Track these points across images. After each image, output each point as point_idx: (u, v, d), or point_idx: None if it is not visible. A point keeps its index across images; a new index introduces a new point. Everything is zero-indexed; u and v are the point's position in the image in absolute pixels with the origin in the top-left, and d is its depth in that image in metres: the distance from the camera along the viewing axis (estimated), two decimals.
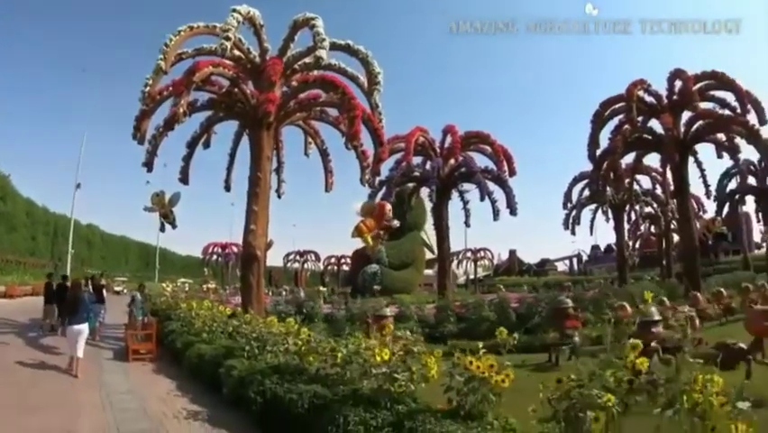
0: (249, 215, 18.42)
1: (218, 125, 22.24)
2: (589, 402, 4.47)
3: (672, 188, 32.21)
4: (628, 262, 43.78)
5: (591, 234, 44.35)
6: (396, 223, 28.31)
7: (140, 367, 14.45)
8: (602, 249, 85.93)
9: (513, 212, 30.29)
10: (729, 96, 26.62)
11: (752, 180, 42.12)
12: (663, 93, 28.17)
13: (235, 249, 71.77)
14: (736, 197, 43.97)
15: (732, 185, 42.83)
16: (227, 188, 23.75)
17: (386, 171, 29.77)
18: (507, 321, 20.96)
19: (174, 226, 22.06)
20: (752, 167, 40.53)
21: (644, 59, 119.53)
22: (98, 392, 11.05)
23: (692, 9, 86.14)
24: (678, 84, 27.30)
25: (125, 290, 53.75)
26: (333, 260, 78.92)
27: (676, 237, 49.80)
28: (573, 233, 41.53)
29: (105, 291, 21.38)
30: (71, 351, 13.01)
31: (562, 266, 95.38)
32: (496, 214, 31.34)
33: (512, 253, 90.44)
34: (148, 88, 16.88)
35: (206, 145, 22.49)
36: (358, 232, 21.08)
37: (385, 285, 45.11)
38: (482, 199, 29.65)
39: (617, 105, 28.12)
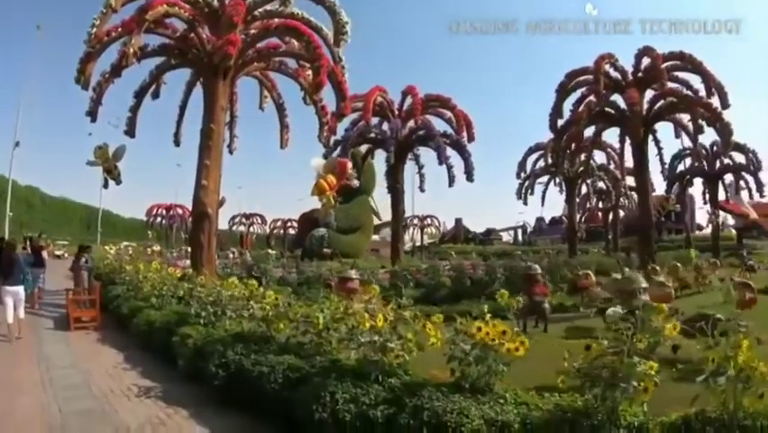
0: (200, 170, 16.96)
1: (168, 75, 20.55)
2: (630, 372, 4.28)
3: (626, 164, 32.82)
4: (578, 235, 43.82)
5: (543, 204, 44.00)
6: (356, 183, 27.19)
7: (83, 337, 12.96)
8: (547, 221, 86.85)
9: (470, 178, 29.51)
10: (693, 79, 26.62)
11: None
12: (629, 70, 27.93)
13: (180, 211, 69.37)
14: (686, 178, 44.85)
15: (681, 167, 43.90)
16: (176, 143, 22.10)
17: (341, 132, 28.99)
18: (463, 287, 20.65)
19: (118, 183, 20.21)
20: (703, 150, 40.95)
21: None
22: (37, 367, 9.69)
23: (692, 9, 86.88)
24: (645, 61, 27.08)
25: (66, 254, 51.07)
26: (279, 223, 77.03)
27: (621, 213, 50.88)
28: (526, 203, 41.65)
29: (45, 254, 19.39)
30: (8, 316, 11.92)
31: (506, 236, 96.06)
32: (451, 180, 30.80)
33: (458, 221, 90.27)
34: (95, 29, 15.34)
35: (155, 96, 20.74)
36: (319, 190, 19.74)
37: (332, 249, 44.42)
38: (441, 164, 28.81)
39: (582, 78, 27.67)
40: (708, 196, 44.46)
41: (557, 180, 39.00)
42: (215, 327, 9.47)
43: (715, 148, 40.20)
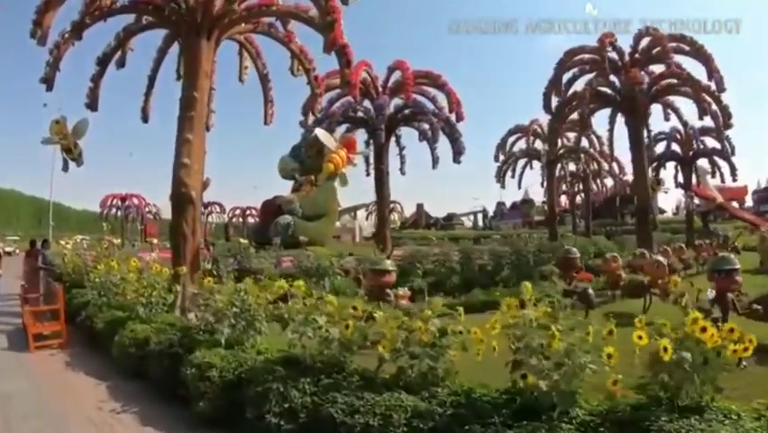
0: (180, 145, 13.60)
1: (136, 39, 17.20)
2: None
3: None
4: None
5: (519, 188, 42.12)
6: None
7: (47, 360, 9.81)
8: (507, 206, 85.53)
9: (457, 159, 26.96)
10: (686, 62, 25.14)
11: (675, 148, 41.46)
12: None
13: (136, 201, 65.13)
14: (660, 161, 43.23)
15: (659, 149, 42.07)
16: (144, 119, 18.45)
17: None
18: (473, 275, 19.17)
19: (79, 163, 16.58)
20: (678, 134, 39.87)
21: None
22: None
23: (692, 9, 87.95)
24: (644, 41, 25.46)
25: (18, 251, 46.53)
26: (237, 211, 73.29)
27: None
28: (503, 186, 39.67)
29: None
30: None
31: (466, 222, 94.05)
32: (435, 161, 28.29)
33: (419, 206, 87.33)
34: None
35: (121, 64, 17.24)
36: (334, 165, 16.78)
37: (297, 237, 41.56)
38: (434, 143, 26.01)
39: (580, 56, 25.93)
40: (681, 180, 42.70)
41: (539, 163, 36.82)
42: (244, 348, 6.70)
43: (691, 131, 38.61)
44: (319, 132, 21.50)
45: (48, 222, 70.05)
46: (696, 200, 48.92)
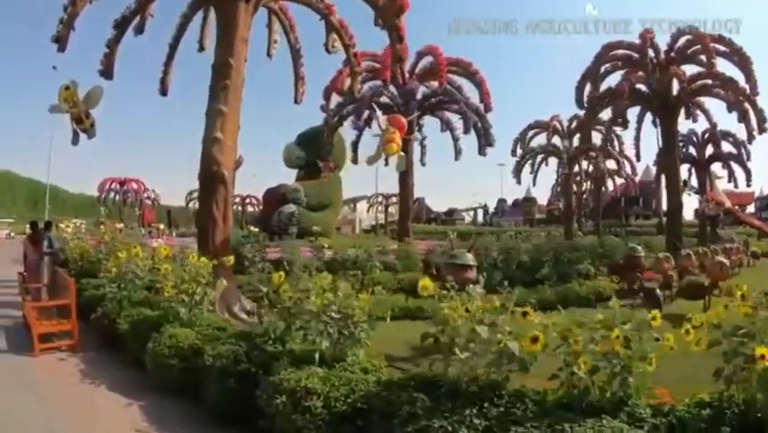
0: (212, 118, 11.63)
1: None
2: None
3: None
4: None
5: (534, 185, 40.22)
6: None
7: (57, 367, 7.79)
8: (509, 203, 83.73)
9: (483, 152, 25.14)
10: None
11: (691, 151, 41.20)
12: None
13: (135, 186, 62.65)
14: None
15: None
16: (163, 92, 16.46)
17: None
18: (512, 272, 16.66)
19: (91, 135, 14.36)
20: (695, 137, 39.68)
21: None
22: None
23: (692, 9, 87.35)
24: (682, 40, 23.96)
25: (14, 234, 44.24)
26: (237, 200, 70.77)
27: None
28: (519, 181, 37.43)
29: None
30: None
31: (466, 217, 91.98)
32: (458, 153, 27.13)
33: (419, 200, 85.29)
34: None
35: (139, 30, 15.18)
36: (396, 146, 14.73)
37: (302, 227, 39.68)
38: (466, 133, 23.98)
39: (615, 52, 24.46)
40: (695, 183, 42.06)
41: (563, 159, 34.86)
42: (347, 366, 4.98)
43: (706, 135, 38.94)
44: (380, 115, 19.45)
45: (44, 205, 67.61)
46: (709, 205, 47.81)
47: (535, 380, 4.15)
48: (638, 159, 34.32)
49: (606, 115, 28.87)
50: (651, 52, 24.35)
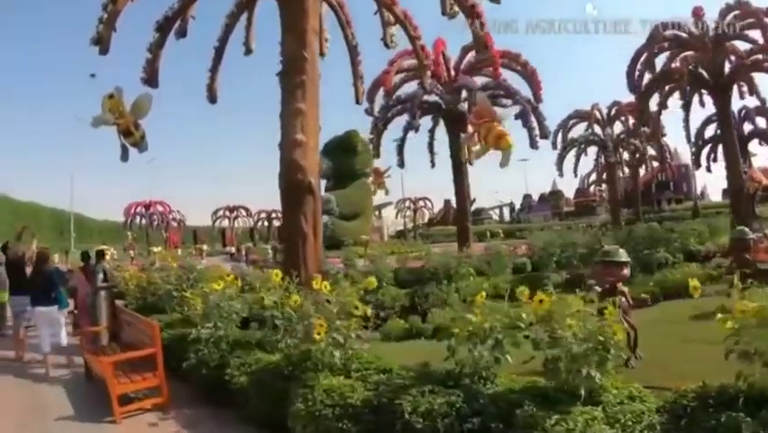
0: (290, 118, 9.76)
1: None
2: None
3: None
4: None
5: (576, 176, 38.30)
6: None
7: None
8: (534, 198, 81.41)
9: (536, 144, 23.16)
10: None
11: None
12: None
13: (161, 208, 61.11)
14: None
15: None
16: (211, 99, 14.61)
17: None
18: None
19: (142, 149, 12.36)
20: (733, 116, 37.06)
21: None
22: None
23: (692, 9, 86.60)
24: (729, 17, 22.27)
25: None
26: (263, 215, 69.07)
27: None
28: (561, 174, 35.57)
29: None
30: (44, 344, 8.96)
31: (493, 216, 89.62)
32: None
33: (446, 202, 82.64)
34: None
35: (181, 34, 13.39)
36: (511, 139, 12.81)
37: (336, 237, 37.88)
38: (525, 125, 21.88)
39: (669, 32, 23.13)
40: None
41: (609, 148, 32.96)
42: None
43: (742, 113, 37.12)
44: (482, 96, 17.32)
45: (69, 233, 65.95)
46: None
47: None
48: (688, 141, 32.31)
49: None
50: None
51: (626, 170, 41.55)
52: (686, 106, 26.19)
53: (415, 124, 22.38)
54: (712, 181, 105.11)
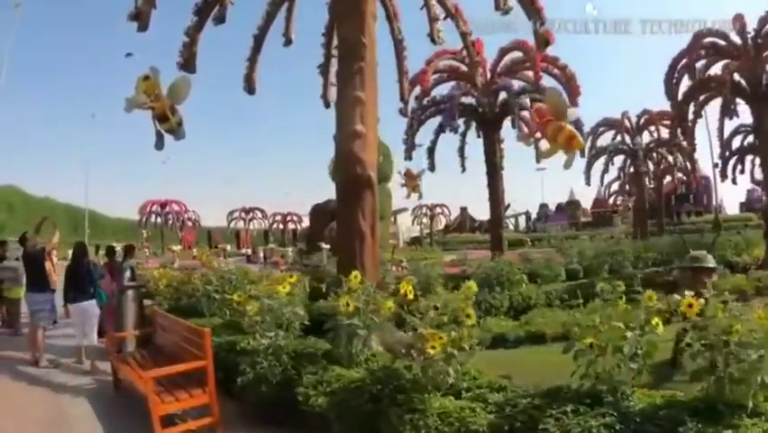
0: (348, 107, 8.76)
1: None
2: None
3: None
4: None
5: (602, 184, 37.59)
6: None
7: None
8: (551, 207, 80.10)
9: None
10: None
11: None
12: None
13: (176, 207, 60.35)
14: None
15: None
16: (250, 90, 13.62)
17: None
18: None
19: (179, 136, 11.18)
20: None
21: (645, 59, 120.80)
22: None
23: (692, 9, 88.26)
24: None
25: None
26: (278, 218, 68.16)
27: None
28: (589, 183, 34.58)
29: (50, 266, 10.11)
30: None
31: (509, 225, 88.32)
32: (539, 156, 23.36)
33: (463, 210, 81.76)
34: None
35: (220, 20, 12.42)
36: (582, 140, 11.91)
37: None
38: None
39: (707, 40, 22.46)
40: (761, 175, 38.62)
41: (638, 155, 32.02)
42: None
43: None
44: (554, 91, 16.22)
45: (84, 230, 65.21)
46: None
47: None
48: (722, 151, 31.35)
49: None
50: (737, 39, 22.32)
51: (651, 180, 40.58)
52: (726, 115, 25.28)
53: (454, 125, 21.41)
54: (727, 194, 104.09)
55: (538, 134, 12.00)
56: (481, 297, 11.27)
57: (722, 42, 22.54)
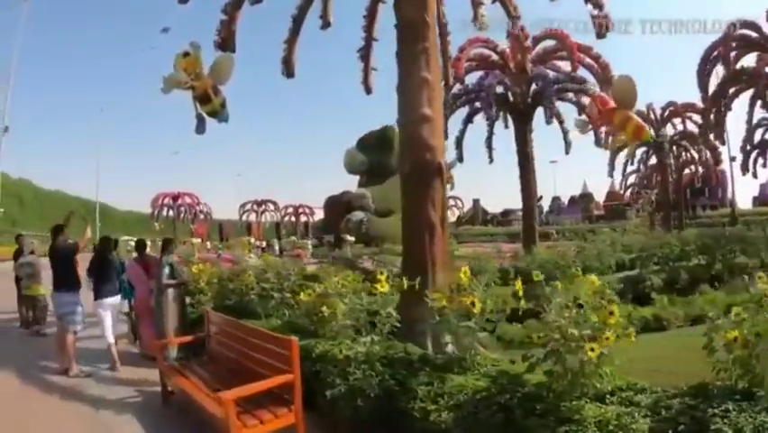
0: (414, 89, 7.90)
1: None
2: None
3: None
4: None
5: (623, 176, 37.19)
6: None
7: None
8: (564, 201, 79.35)
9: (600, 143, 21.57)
10: None
11: None
12: None
13: (189, 200, 59.71)
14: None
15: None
16: (289, 74, 12.85)
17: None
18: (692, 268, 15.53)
19: (222, 119, 10.18)
20: None
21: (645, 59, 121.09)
22: None
23: (692, 9, 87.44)
24: None
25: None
26: (290, 210, 67.46)
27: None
28: (612, 175, 34.84)
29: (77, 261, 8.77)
30: (108, 334, 7.86)
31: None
32: (568, 145, 23.55)
33: (475, 202, 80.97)
34: None
35: None
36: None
37: (372, 234, 36.51)
38: None
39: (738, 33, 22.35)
40: None
41: (666, 147, 31.42)
42: None
43: None
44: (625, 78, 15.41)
45: (95, 223, 64.66)
46: None
47: None
48: (747, 144, 30.94)
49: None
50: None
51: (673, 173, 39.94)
52: (764, 108, 24.72)
53: (491, 114, 20.67)
54: (739, 189, 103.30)
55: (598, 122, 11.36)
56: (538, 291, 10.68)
57: (754, 35, 22.11)
